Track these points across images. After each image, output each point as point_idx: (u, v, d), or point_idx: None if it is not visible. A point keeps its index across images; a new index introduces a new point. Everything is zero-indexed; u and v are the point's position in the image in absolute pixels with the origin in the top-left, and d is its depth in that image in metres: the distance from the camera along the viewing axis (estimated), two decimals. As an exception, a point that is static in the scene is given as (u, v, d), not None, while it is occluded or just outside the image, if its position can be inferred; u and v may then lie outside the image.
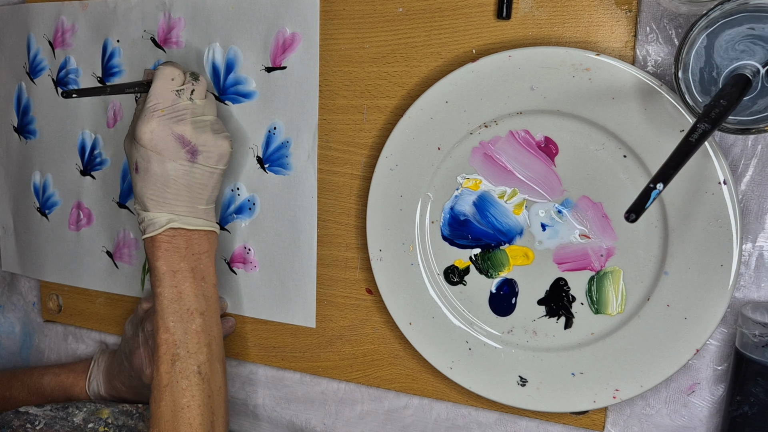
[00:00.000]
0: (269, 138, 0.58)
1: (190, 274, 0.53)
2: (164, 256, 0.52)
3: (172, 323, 0.51)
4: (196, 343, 0.51)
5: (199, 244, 0.54)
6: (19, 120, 0.72)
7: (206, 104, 0.54)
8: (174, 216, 0.52)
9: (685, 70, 0.40)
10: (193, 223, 0.53)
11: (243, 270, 0.61)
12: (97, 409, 0.59)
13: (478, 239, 0.52)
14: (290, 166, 0.58)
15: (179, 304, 0.52)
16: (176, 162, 0.51)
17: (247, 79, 0.58)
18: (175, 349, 0.51)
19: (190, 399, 0.50)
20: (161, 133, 0.51)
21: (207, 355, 0.52)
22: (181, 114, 0.52)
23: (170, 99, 0.52)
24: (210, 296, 0.54)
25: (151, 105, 0.51)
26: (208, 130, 0.53)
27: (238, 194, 0.60)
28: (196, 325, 0.52)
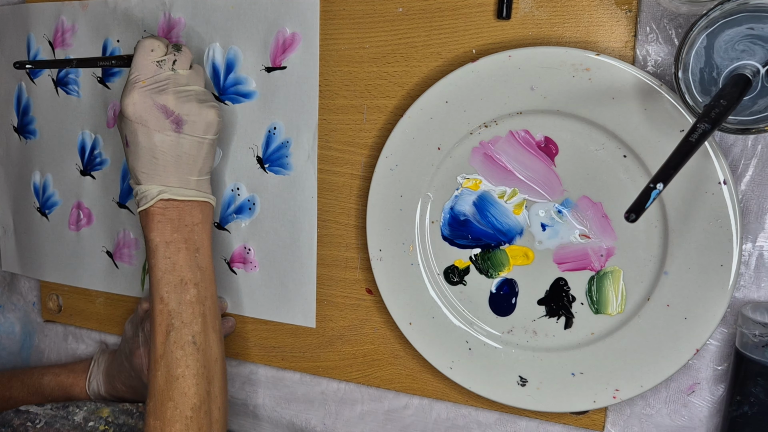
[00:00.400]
0: (269, 138, 0.58)
1: (184, 245, 0.53)
2: (157, 227, 0.52)
3: (166, 293, 0.51)
4: (190, 314, 0.51)
5: (191, 215, 0.53)
6: (19, 120, 0.72)
7: (191, 75, 0.53)
8: (165, 188, 0.52)
9: (685, 70, 0.40)
10: (184, 194, 0.53)
11: (243, 270, 0.61)
12: (98, 408, 0.59)
13: (478, 239, 0.52)
14: (290, 166, 0.58)
15: (173, 275, 0.52)
16: (162, 133, 0.51)
17: (247, 79, 0.58)
18: (169, 320, 0.51)
19: (185, 368, 0.50)
20: (143, 104, 0.51)
21: (201, 326, 0.52)
22: (162, 84, 0.52)
23: (151, 70, 0.52)
24: (205, 267, 0.54)
25: (133, 77, 0.52)
26: (192, 100, 0.53)
27: (238, 194, 0.60)
28: (191, 295, 0.52)
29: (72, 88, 0.67)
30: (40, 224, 0.71)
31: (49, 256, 0.72)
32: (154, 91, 0.51)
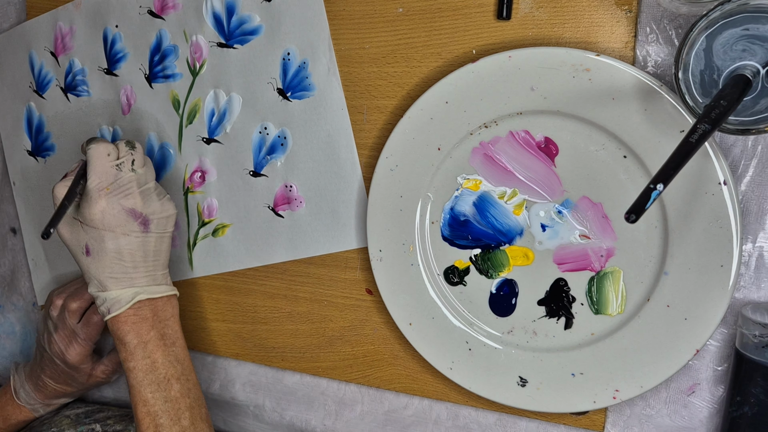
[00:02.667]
0: (285, 65, 0.57)
1: (161, 341, 0.53)
2: (133, 329, 0.52)
3: (150, 394, 0.51)
4: (177, 410, 0.51)
5: (164, 310, 0.54)
6: (33, 142, 0.71)
7: (147, 171, 0.54)
8: (138, 289, 0.53)
9: (685, 71, 0.40)
10: (156, 291, 0.54)
11: (289, 210, 0.59)
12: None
13: (478, 239, 0.52)
14: (313, 86, 0.57)
15: (154, 374, 0.52)
16: (130, 235, 0.52)
17: (250, 17, 0.58)
18: (157, 420, 0.51)
19: None
20: (112, 210, 0.51)
21: (190, 420, 0.51)
22: (127, 187, 0.52)
23: (112, 174, 0.52)
24: (182, 359, 0.54)
25: (95, 185, 0.51)
26: (154, 197, 0.54)
27: (267, 134, 0.59)
28: (175, 390, 0.52)
29: (81, 89, 0.67)
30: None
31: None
32: (120, 195, 0.52)
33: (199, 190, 0.63)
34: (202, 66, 0.61)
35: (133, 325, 0.52)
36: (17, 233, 0.75)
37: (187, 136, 0.62)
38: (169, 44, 0.62)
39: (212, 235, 0.63)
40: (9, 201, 0.75)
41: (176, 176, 0.63)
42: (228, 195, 0.62)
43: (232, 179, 0.61)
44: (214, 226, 0.63)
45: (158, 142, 0.64)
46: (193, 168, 0.63)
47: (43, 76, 0.69)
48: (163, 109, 0.63)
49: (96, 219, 0.51)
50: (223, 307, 0.64)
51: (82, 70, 0.66)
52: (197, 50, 0.60)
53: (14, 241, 0.75)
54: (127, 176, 0.52)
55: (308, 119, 0.57)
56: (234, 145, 0.60)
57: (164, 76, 0.62)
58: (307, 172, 0.58)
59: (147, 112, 0.63)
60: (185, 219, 0.64)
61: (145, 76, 0.63)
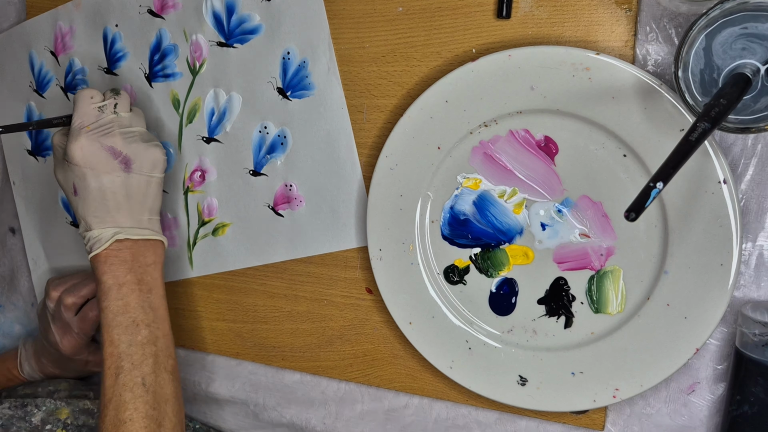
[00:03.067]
0: (285, 65, 0.57)
1: (137, 286, 0.53)
2: (110, 270, 0.52)
3: (116, 335, 0.51)
4: (141, 355, 0.51)
5: (144, 256, 0.54)
6: (33, 141, 0.71)
7: (133, 116, 0.55)
8: (119, 228, 0.53)
9: (685, 70, 0.40)
10: (138, 233, 0.54)
11: (289, 209, 0.60)
12: (57, 409, 0.59)
13: (478, 239, 0.52)
14: (312, 86, 0.57)
15: (124, 317, 0.52)
16: (111, 174, 0.53)
17: (250, 16, 0.58)
18: (119, 362, 0.51)
19: (133, 412, 0.49)
20: (91, 147, 0.52)
21: (152, 366, 0.51)
22: (107, 127, 0.53)
23: (94, 115, 0.53)
24: (157, 307, 0.54)
25: (77, 124, 0.53)
26: (137, 140, 0.54)
27: (267, 133, 0.59)
28: (142, 336, 0.52)
29: (81, 87, 0.67)
30: (76, 239, 0.71)
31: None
32: (100, 134, 0.53)
33: (199, 190, 0.63)
34: (202, 65, 0.61)
35: (110, 266, 0.52)
36: (16, 233, 0.75)
37: (187, 135, 0.62)
38: (169, 43, 0.62)
39: (212, 235, 0.63)
40: (9, 201, 0.75)
41: (176, 175, 0.63)
42: (228, 194, 0.62)
43: (232, 178, 0.61)
44: (214, 226, 0.63)
45: (158, 142, 0.64)
46: (193, 167, 0.63)
47: (43, 75, 0.69)
48: (163, 109, 0.63)
49: (77, 156, 0.52)
50: (223, 307, 0.64)
51: (82, 69, 0.67)
52: (197, 49, 0.61)
53: (14, 240, 0.75)
54: (108, 117, 0.53)
55: (308, 118, 0.57)
56: (234, 145, 0.60)
57: (164, 76, 0.62)
58: (307, 171, 0.58)
59: (147, 111, 0.63)
60: (185, 218, 0.64)
61: (145, 76, 0.63)
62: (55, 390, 0.63)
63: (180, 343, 0.66)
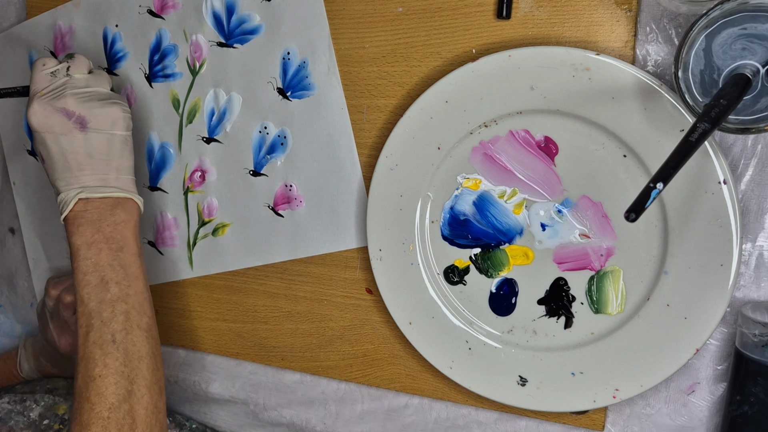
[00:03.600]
0: (285, 65, 0.57)
1: (106, 244, 0.52)
2: (78, 231, 0.52)
3: (86, 294, 0.51)
4: (110, 312, 0.51)
5: (113, 214, 0.53)
6: (33, 141, 0.71)
7: (90, 78, 0.54)
8: (82, 188, 0.53)
9: (685, 70, 0.40)
10: (103, 191, 0.53)
11: (289, 209, 0.60)
12: (55, 404, 0.59)
13: (478, 239, 0.52)
14: (312, 86, 0.57)
15: (94, 276, 0.51)
16: (68, 135, 0.52)
17: (250, 16, 0.58)
18: (89, 320, 0.50)
19: (102, 368, 0.49)
20: (44, 111, 0.52)
21: (123, 324, 0.51)
22: (59, 90, 0.53)
23: (46, 80, 0.53)
24: (128, 265, 0.53)
25: (32, 91, 0.53)
26: (92, 99, 0.53)
27: (267, 133, 0.59)
28: (112, 294, 0.51)
29: None
30: None
31: None
32: (52, 97, 0.52)
33: (199, 190, 0.63)
34: (202, 65, 0.61)
35: (78, 227, 0.52)
36: (15, 233, 0.75)
37: (187, 135, 0.62)
38: (169, 43, 0.62)
39: (212, 235, 0.63)
40: (9, 201, 0.75)
41: (176, 176, 0.63)
42: (228, 194, 0.62)
43: (232, 179, 0.61)
44: (214, 226, 0.63)
45: (158, 142, 0.64)
46: (193, 167, 0.63)
47: None
48: (163, 109, 0.63)
49: (33, 122, 0.52)
50: (223, 307, 0.64)
51: None
52: (197, 49, 0.60)
53: (13, 241, 0.75)
54: (61, 80, 0.53)
55: (308, 119, 0.57)
56: (234, 145, 0.60)
57: (164, 76, 0.62)
58: (307, 171, 0.58)
59: (147, 111, 0.63)
60: (185, 218, 0.64)
61: (145, 76, 0.63)
62: (53, 388, 0.64)
63: (180, 343, 0.66)
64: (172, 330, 0.66)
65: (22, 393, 0.61)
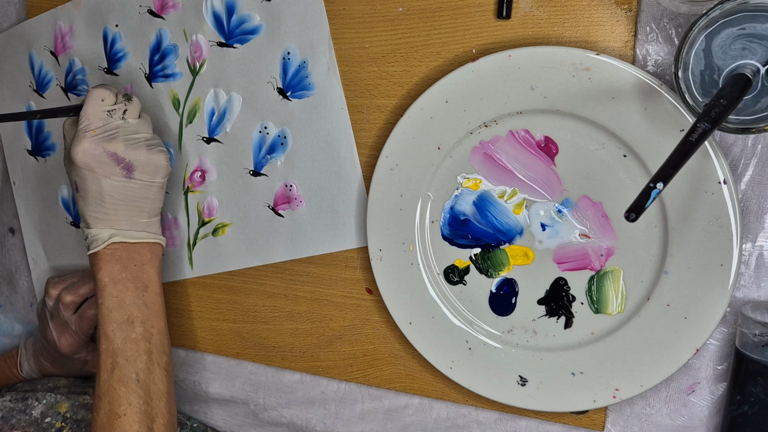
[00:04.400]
0: (285, 65, 0.57)
1: (132, 283, 0.54)
2: (105, 267, 0.53)
3: (111, 331, 0.52)
4: (135, 351, 0.52)
5: (141, 255, 0.55)
6: (33, 141, 0.71)
7: (140, 123, 0.55)
8: (115, 231, 0.54)
9: (685, 70, 0.40)
10: (134, 236, 0.55)
11: (289, 209, 0.60)
12: (57, 402, 0.59)
13: (478, 239, 0.52)
14: (313, 86, 0.57)
15: (119, 313, 0.53)
16: (111, 179, 0.53)
17: (250, 16, 0.58)
18: (114, 358, 0.52)
19: (127, 407, 0.51)
20: (93, 152, 0.52)
21: (146, 363, 0.52)
22: (112, 132, 0.53)
23: (101, 119, 0.53)
24: (152, 304, 0.54)
25: (83, 126, 0.53)
26: (142, 147, 0.54)
27: (267, 133, 0.59)
28: (136, 333, 0.53)
29: (82, 88, 0.67)
30: (76, 238, 0.71)
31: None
32: (104, 139, 0.53)
33: (199, 190, 0.63)
34: (202, 65, 0.61)
35: (106, 264, 0.53)
36: (15, 233, 0.75)
37: (187, 135, 0.62)
38: (169, 43, 0.62)
39: (212, 235, 0.63)
40: (9, 201, 0.75)
41: (176, 176, 0.63)
42: (228, 194, 0.62)
43: (232, 178, 0.61)
44: (214, 226, 0.63)
45: (158, 142, 0.64)
46: (193, 167, 0.63)
47: (43, 75, 0.69)
48: (163, 109, 0.63)
49: (78, 158, 0.52)
50: (224, 307, 0.64)
51: (82, 69, 0.66)
52: (197, 49, 0.61)
53: (13, 241, 0.75)
54: (115, 123, 0.53)
55: (308, 118, 0.57)
56: (234, 145, 0.60)
57: (164, 76, 0.62)
58: (307, 171, 0.58)
59: (147, 111, 0.63)
60: (185, 218, 0.64)
61: (145, 76, 0.63)
62: (54, 386, 0.64)
63: (180, 343, 0.66)
64: (172, 330, 0.66)
65: (24, 391, 0.61)
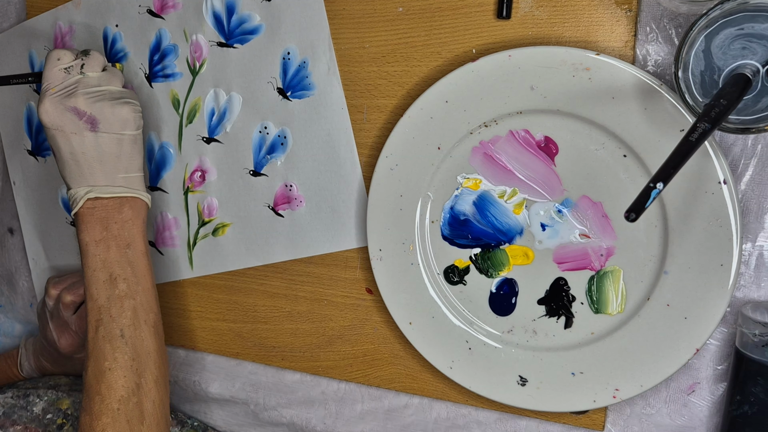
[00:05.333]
0: (285, 65, 0.57)
1: (114, 242, 0.53)
2: (86, 228, 0.53)
3: (95, 290, 0.52)
4: (119, 308, 0.52)
5: (120, 212, 0.54)
6: (33, 141, 0.71)
7: (103, 76, 0.55)
8: (91, 187, 0.54)
9: (685, 70, 0.40)
10: (111, 191, 0.54)
11: (289, 209, 0.60)
12: (58, 399, 0.59)
13: (478, 239, 0.52)
14: (313, 86, 0.57)
15: (102, 272, 0.53)
16: (79, 135, 0.53)
17: (250, 16, 0.58)
18: (98, 315, 0.52)
19: (112, 362, 0.50)
20: (55, 110, 0.52)
21: (131, 319, 0.52)
22: (71, 88, 0.53)
23: (60, 77, 0.53)
24: (136, 262, 0.54)
25: (44, 87, 0.53)
26: (104, 99, 0.54)
27: (267, 133, 0.59)
28: (120, 290, 0.52)
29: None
30: (76, 238, 0.71)
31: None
32: (63, 95, 0.53)
33: (199, 190, 0.63)
34: (202, 65, 0.61)
35: (86, 225, 0.53)
36: (15, 233, 0.75)
37: (187, 135, 0.62)
38: (169, 43, 0.62)
39: (212, 235, 0.63)
40: (9, 201, 0.75)
41: (176, 176, 0.63)
42: (228, 194, 0.62)
43: (232, 179, 0.61)
44: (214, 226, 0.63)
45: (158, 142, 0.64)
46: (193, 167, 0.63)
47: None
48: (163, 109, 0.63)
49: (44, 119, 0.52)
50: (224, 307, 0.64)
51: None
52: (197, 49, 0.60)
53: (13, 241, 0.75)
54: (74, 78, 0.53)
55: (308, 118, 0.57)
56: (234, 145, 0.60)
57: (164, 76, 0.62)
58: (307, 171, 0.58)
59: (147, 111, 0.63)
60: (185, 218, 0.64)
61: (145, 76, 0.63)
62: (55, 384, 0.64)
63: (180, 343, 0.66)
64: (172, 330, 0.66)
65: (25, 388, 0.61)
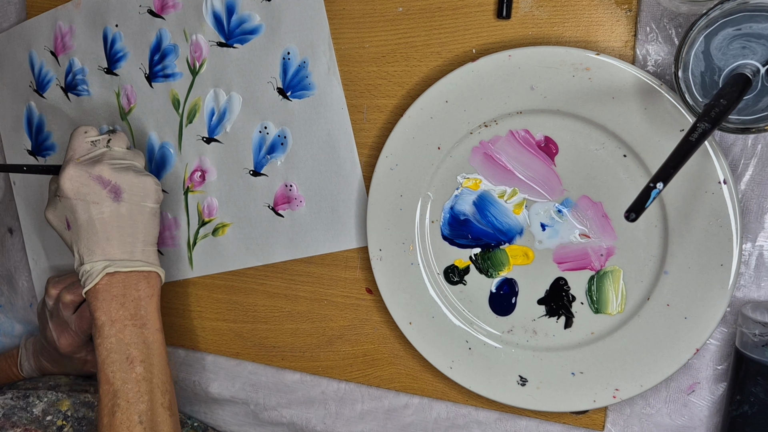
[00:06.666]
0: (285, 65, 0.57)
1: (130, 321, 0.52)
2: (102, 306, 0.52)
3: (111, 373, 0.51)
4: (136, 392, 0.50)
5: (137, 289, 0.53)
6: (33, 141, 0.71)
7: (128, 153, 0.55)
8: (109, 261, 0.52)
9: (685, 70, 0.40)
10: (129, 266, 0.53)
11: (289, 209, 0.60)
12: (58, 400, 0.59)
13: (478, 239, 0.52)
14: (313, 86, 0.57)
15: (118, 354, 0.51)
16: (100, 204, 0.52)
17: (250, 16, 0.58)
18: (115, 400, 0.50)
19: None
20: (79, 177, 0.52)
21: (148, 404, 0.51)
22: (96, 157, 0.53)
23: (86, 148, 0.54)
24: (152, 342, 0.53)
25: (68, 156, 0.53)
26: (129, 171, 0.54)
27: (267, 133, 0.59)
28: (136, 373, 0.51)
29: (82, 88, 0.67)
30: None
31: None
32: (89, 164, 0.53)
33: (199, 190, 0.63)
34: (202, 65, 0.61)
35: (102, 302, 0.52)
36: (15, 233, 0.75)
37: (187, 135, 0.62)
38: (169, 43, 0.62)
39: (212, 235, 0.63)
40: (9, 201, 0.75)
41: (176, 176, 0.63)
42: (228, 194, 0.62)
43: (232, 178, 0.61)
44: (214, 226, 0.63)
45: (158, 142, 0.64)
46: (193, 167, 0.63)
47: (43, 75, 0.69)
48: (163, 109, 0.63)
49: (66, 187, 0.52)
50: (223, 307, 0.64)
51: (82, 69, 0.66)
52: (197, 49, 0.61)
53: (12, 241, 0.76)
54: (100, 150, 0.54)
55: (308, 118, 0.57)
56: (234, 145, 0.60)
57: (164, 76, 0.62)
58: (307, 171, 0.58)
59: (147, 111, 0.63)
60: (185, 218, 0.64)
61: (145, 76, 0.63)
62: (55, 385, 0.64)
63: (180, 343, 0.66)
64: (172, 330, 0.66)
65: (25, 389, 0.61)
